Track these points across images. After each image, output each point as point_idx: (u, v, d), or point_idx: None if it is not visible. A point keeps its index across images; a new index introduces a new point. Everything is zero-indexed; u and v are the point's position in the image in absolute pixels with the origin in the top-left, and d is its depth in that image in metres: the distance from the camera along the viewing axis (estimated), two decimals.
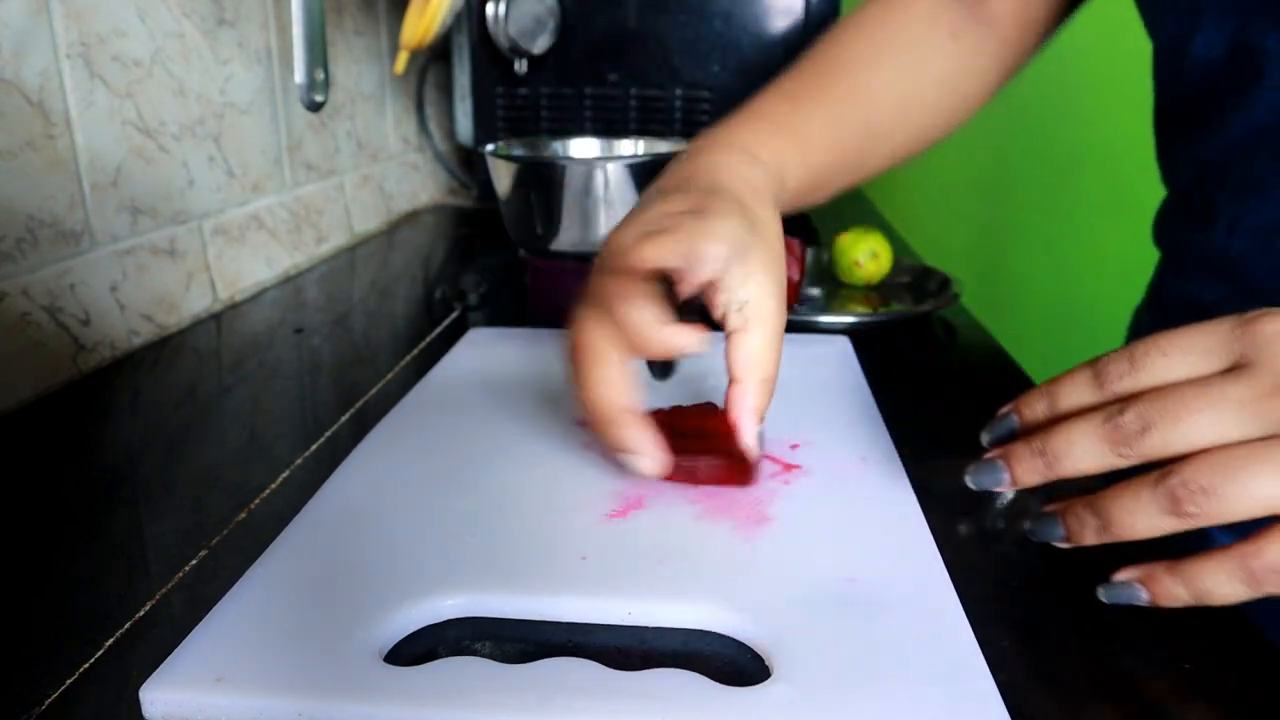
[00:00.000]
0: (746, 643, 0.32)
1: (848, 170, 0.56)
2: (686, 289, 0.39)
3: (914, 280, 0.78)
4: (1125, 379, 0.32)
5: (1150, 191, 0.56)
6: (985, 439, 0.36)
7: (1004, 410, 0.36)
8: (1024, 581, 0.37)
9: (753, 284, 0.39)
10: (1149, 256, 0.59)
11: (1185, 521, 0.29)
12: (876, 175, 0.58)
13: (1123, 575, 0.32)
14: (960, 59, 0.56)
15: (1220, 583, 0.30)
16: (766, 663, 0.31)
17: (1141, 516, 0.30)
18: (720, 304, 0.39)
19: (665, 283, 0.40)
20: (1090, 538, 0.32)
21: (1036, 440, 0.33)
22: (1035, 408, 0.34)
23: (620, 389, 0.39)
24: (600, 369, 0.39)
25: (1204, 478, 0.29)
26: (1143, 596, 0.31)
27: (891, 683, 0.29)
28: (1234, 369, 0.30)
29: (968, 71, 0.57)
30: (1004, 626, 0.33)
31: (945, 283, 0.74)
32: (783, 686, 0.29)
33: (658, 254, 0.38)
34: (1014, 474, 0.34)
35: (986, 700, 0.28)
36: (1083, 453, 0.32)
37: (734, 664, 0.31)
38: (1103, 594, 0.32)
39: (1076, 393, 0.33)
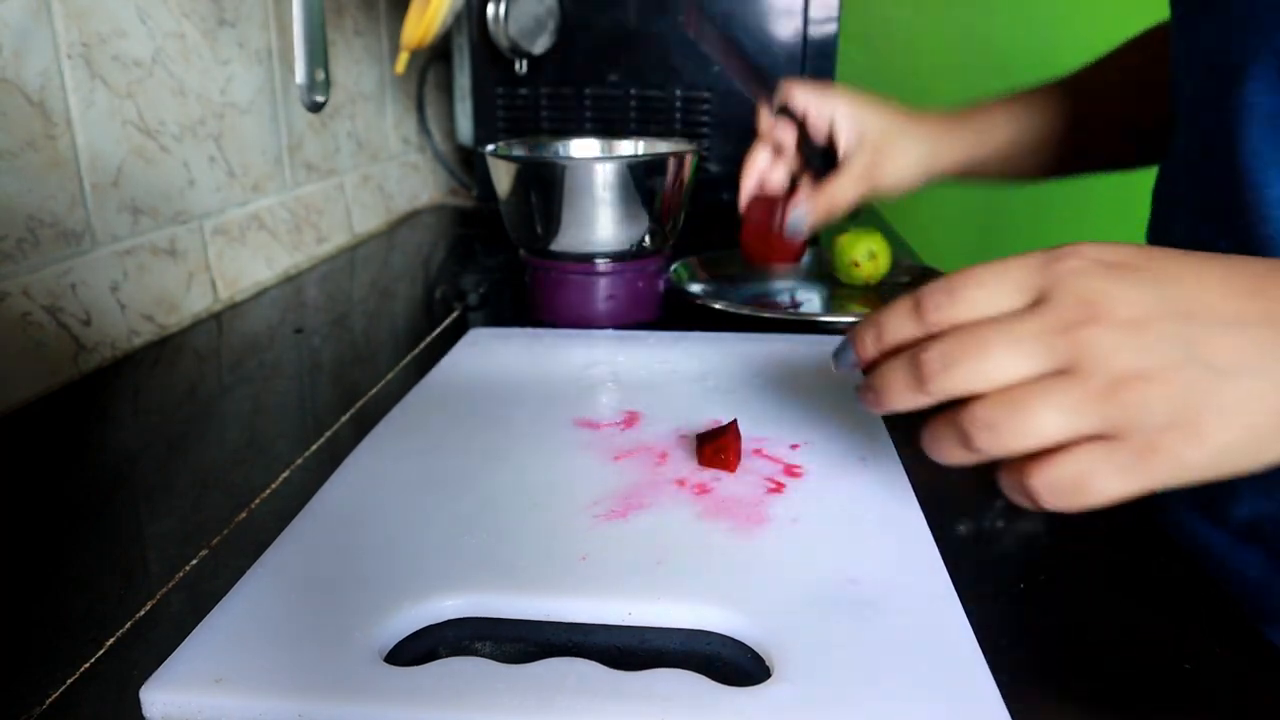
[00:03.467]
0: (746, 643, 0.32)
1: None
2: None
3: (913, 280, 0.78)
4: (943, 309, 0.33)
5: (1150, 192, 0.56)
6: (833, 366, 0.39)
7: (841, 342, 0.38)
8: (1024, 582, 0.37)
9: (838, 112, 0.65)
10: None
11: (978, 454, 0.31)
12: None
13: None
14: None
15: (1022, 494, 0.31)
16: (766, 663, 0.31)
17: (943, 448, 0.33)
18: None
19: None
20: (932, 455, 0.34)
21: (867, 379, 0.36)
22: (865, 341, 0.36)
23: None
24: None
25: (988, 414, 0.31)
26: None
27: (891, 683, 0.29)
28: (1034, 304, 0.31)
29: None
30: (1004, 626, 0.33)
31: None
32: (783, 686, 0.29)
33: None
34: (865, 406, 0.36)
35: (986, 700, 0.28)
36: (896, 392, 0.34)
37: (734, 664, 0.31)
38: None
39: (899, 324, 0.35)
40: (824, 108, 0.65)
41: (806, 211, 0.65)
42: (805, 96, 0.66)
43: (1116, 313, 0.30)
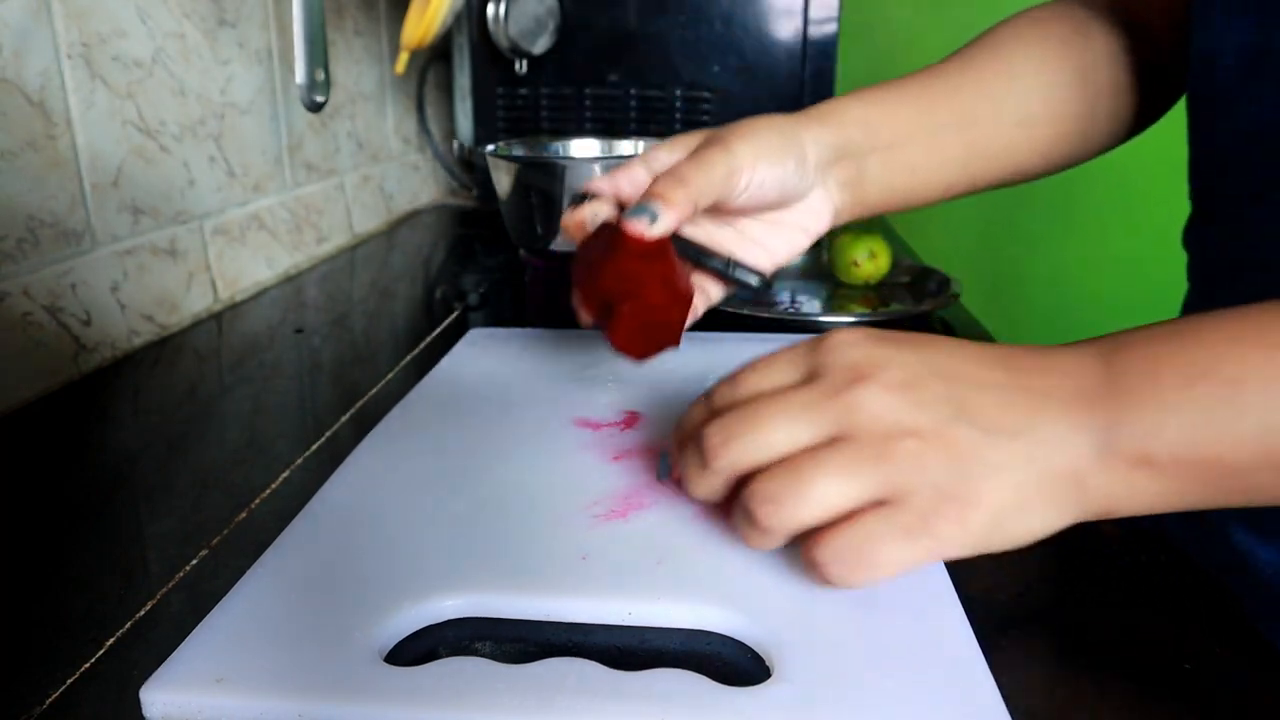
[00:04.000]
0: (746, 643, 0.32)
1: (935, 149, 0.51)
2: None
3: (913, 280, 0.78)
4: (724, 396, 0.35)
5: (1150, 192, 0.56)
6: (658, 477, 0.41)
7: (661, 456, 0.41)
8: (1024, 582, 0.37)
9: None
10: (1149, 256, 0.59)
11: (769, 535, 0.32)
12: (995, 172, 0.53)
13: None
14: (1088, 53, 0.53)
15: (814, 569, 0.31)
16: (766, 663, 0.31)
17: (746, 536, 0.33)
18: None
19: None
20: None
21: (675, 471, 0.37)
22: (673, 444, 0.38)
23: None
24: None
25: (768, 489, 0.31)
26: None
27: (891, 683, 0.29)
28: (808, 378, 0.33)
29: (1091, 65, 0.53)
30: (1004, 627, 0.33)
31: (944, 283, 0.74)
32: (783, 686, 0.29)
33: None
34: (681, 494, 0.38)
35: (986, 700, 0.28)
36: (693, 480, 0.34)
37: (734, 664, 0.31)
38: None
39: (695, 413, 0.36)
40: (633, 169, 0.46)
41: (661, 208, 0.41)
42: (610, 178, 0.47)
43: (885, 374, 0.31)
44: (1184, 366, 0.30)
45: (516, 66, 0.98)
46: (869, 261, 0.76)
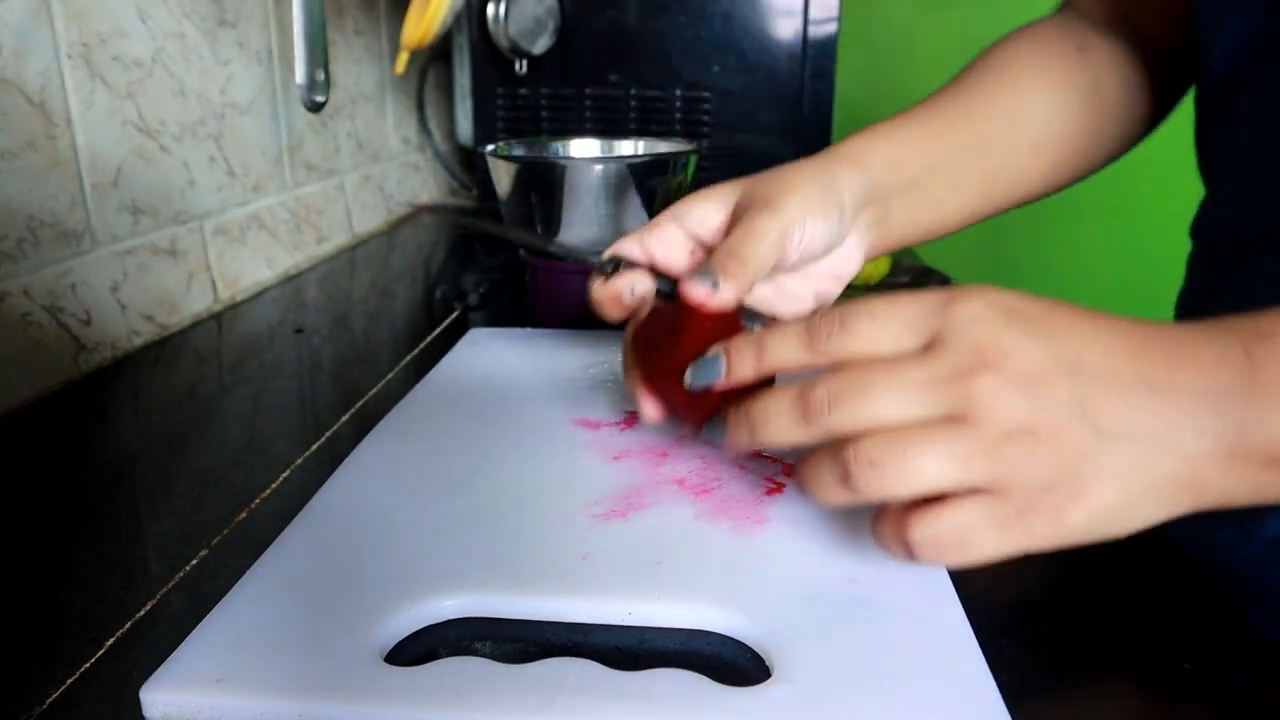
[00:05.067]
0: (746, 643, 0.32)
1: (956, 181, 0.50)
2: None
3: (913, 280, 0.78)
4: (833, 338, 0.32)
5: (1150, 192, 0.56)
6: (688, 378, 0.36)
7: (713, 350, 0.35)
8: (1024, 582, 0.37)
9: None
10: (1149, 256, 0.59)
11: (857, 493, 0.30)
12: (1010, 197, 0.53)
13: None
14: (1091, 70, 0.53)
15: (900, 546, 0.30)
16: (766, 663, 0.31)
17: (820, 484, 0.31)
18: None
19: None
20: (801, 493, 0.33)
21: (744, 406, 0.33)
22: (743, 357, 0.34)
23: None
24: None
25: (873, 452, 0.29)
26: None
27: (891, 683, 0.29)
28: (928, 346, 0.31)
29: (1095, 81, 0.53)
30: (1004, 627, 0.33)
31: (945, 283, 0.74)
32: (783, 686, 0.29)
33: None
34: (732, 438, 0.34)
35: (986, 701, 0.28)
36: (777, 425, 0.32)
37: (734, 664, 0.31)
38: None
39: (786, 346, 0.33)
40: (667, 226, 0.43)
41: (722, 279, 0.38)
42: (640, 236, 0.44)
43: (1010, 363, 0.29)
44: None
45: (516, 66, 0.98)
46: (869, 263, 0.76)
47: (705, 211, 0.42)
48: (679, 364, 0.36)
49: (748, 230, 0.40)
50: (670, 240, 0.42)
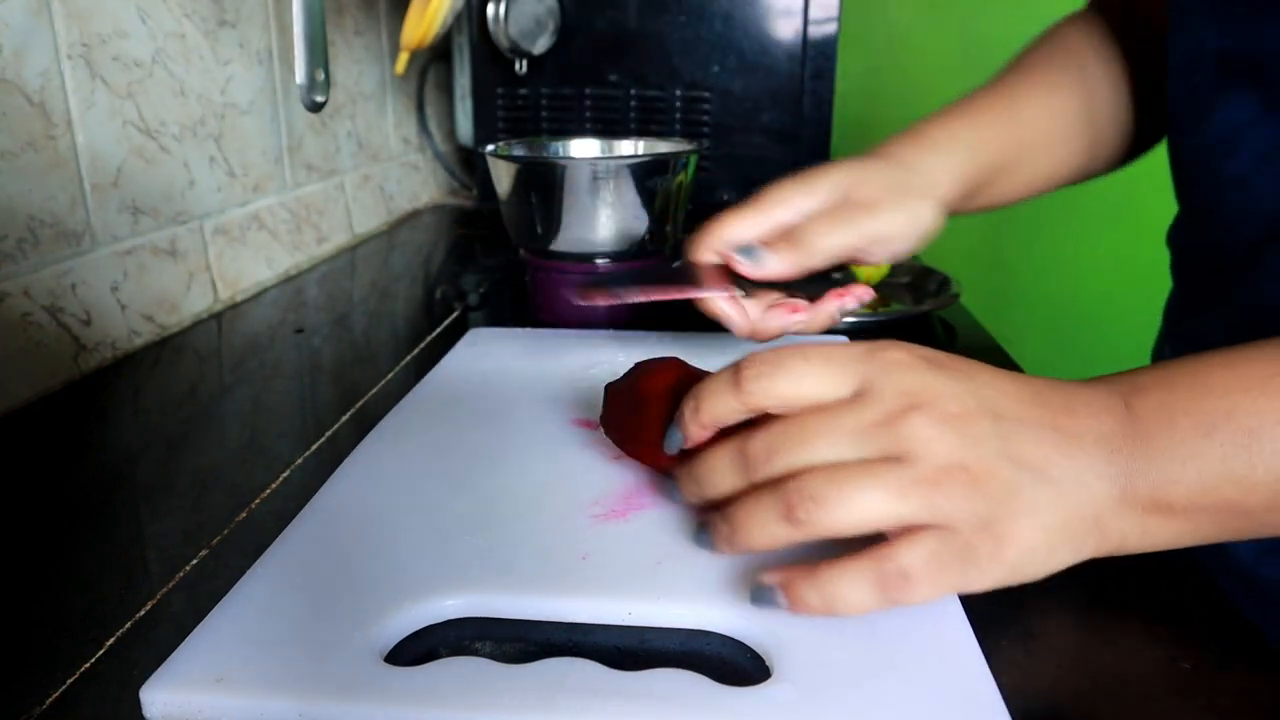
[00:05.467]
0: (746, 643, 0.32)
1: (1006, 169, 0.57)
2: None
3: (914, 280, 0.78)
4: (762, 379, 0.33)
5: (1149, 191, 0.56)
6: (664, 447, 0.37)
7: (669, 428, 0.37)
8: (1023, 583, 0.37)
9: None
10: (1148, 256, 0.59)
11: (798, 529, 0.31)
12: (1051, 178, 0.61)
13: (766, 579, 0.32)
14: (1115, 62, 0.57)
15: (851, 588, 0.30)
16: (766, 663, 0.31)
17: (759, 523, 0.32)
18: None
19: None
20: (725, 546, 0.33)
21: (688, 464, 0.35)
22: (684, 419, 0.35)
23: None
24: None
25: (814, 487, 0.30)
26: (781, 602, 0.32)
27: (891, 683, 0.29)
28: (858, 394, 0.32)
29: (1096, 96, 0.58)
30: (1004, 627, 0.33)
31: (945, 283, 0.74)
32: (783, 686, 0.29)
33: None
34: (685, 495, 0.36)
35: (986, 701, 0.28)
36: (721, 478, 0.33)
37: (734, 664, 0.31)
38: (750, 597, 0.32)
39: (717, 398, 0.34)
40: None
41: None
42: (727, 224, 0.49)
43: (938, 406, 0.31)
44: (1200, 415, 0.30)
45: (516, 66, 0.98)
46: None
47: (804, 200, 0.48)
48: (648, 437, 0.39)
49: (839, 228, 0.47)
50: (774, 220, 0.48)
